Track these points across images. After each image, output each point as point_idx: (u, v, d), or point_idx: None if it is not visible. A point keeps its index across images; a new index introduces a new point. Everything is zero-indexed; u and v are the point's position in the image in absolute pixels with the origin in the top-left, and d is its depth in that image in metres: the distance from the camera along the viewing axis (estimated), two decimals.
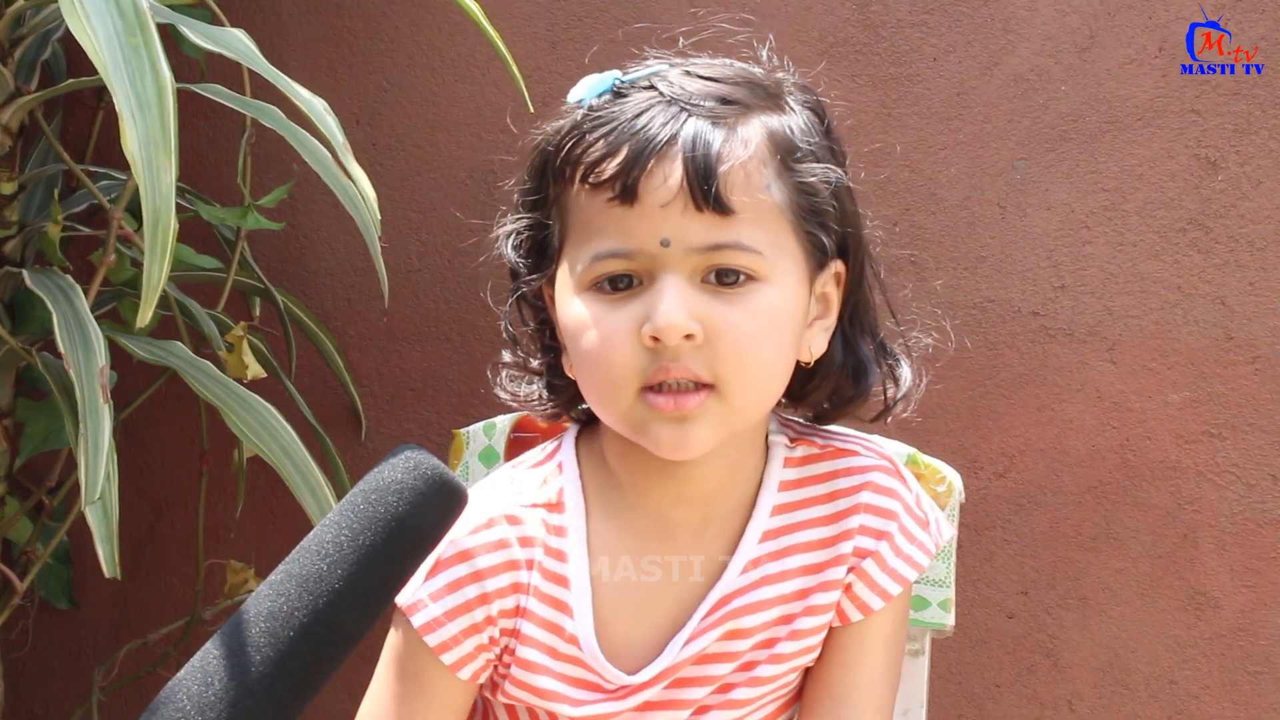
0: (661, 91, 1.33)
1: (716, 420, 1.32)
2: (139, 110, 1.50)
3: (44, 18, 1.96)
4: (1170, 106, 2.28)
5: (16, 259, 2.04)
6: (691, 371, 1.30)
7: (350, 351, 2.48)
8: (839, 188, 1.38)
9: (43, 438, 2.08)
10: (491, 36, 2.02)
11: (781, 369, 1.36)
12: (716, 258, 1.30)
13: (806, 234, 1.35)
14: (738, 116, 1.33)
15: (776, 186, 1.33)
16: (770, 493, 1.45)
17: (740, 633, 1.43)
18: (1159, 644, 2.36)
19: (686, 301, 1.29)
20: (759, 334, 1.31)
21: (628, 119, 1.32)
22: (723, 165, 1.29)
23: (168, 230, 1.51)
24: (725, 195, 1.29)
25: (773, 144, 1.34)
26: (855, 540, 1.45)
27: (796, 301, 1.35)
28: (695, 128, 1.30)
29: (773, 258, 1.32)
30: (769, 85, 1.39)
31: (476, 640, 1.41)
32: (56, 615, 2.54)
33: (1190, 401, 2.31)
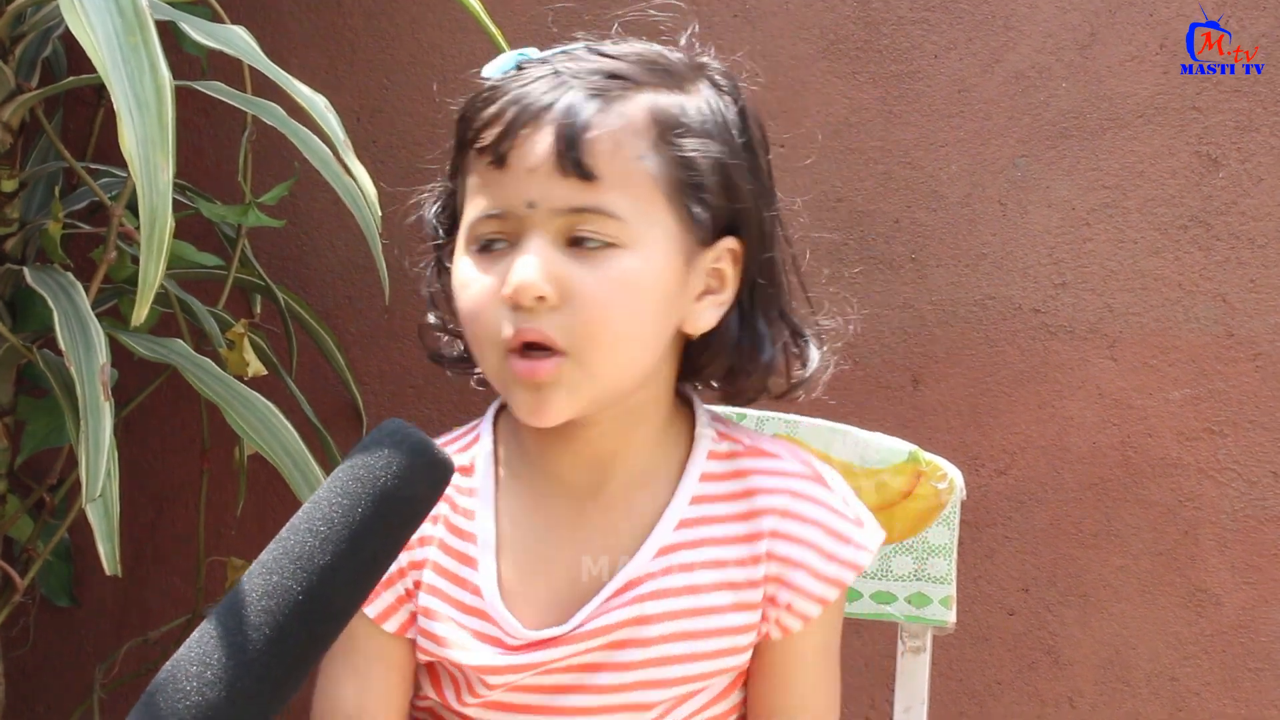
0: (556, 68, 1.39)
1: (573, 387, 1.35)
2: (137, 109, 1.50)
3: (45, 15, 1.96)
4: (1171, 104, 2.28)
5: (17, 256, 2.04)
6: (544, 334, 1.33)
7: (351, 349, 2.48)
8: (729, 166, 1.41)
9: (44, 435, 2.08)
10: (493, 33, 2.02)
11: (642, 336, 1.38)
12: (578, 220, 1.34)
13: (685, 208, 1.38)
14: (623, 91, 1.38)
15: (651, 158, 1.36)
16: (691, 482, 1.47)
17: (647, 619, 1.44)
18: (1160, 641, 2.36)
19: (544, 263, 1.33)
20: (614, 299, 1.34)
21: (515, 90, 1.38)
22: (590, 132, 1.34)
23: (164, 229, 1.51)
24: (590, 161, 1.33)
25: (653, 118, 1.37)
26: (768, 543, 1.45)
27: (663, 271, 1.37)
28: (572, 98, 1.36)
29: (637, 226, 1.35)
30: (676, 66, 1.44)
31: (394, 592, 1.47)
32: (57, 613, 2.54)
33: (1191, 398, 2.31)
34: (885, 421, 2.35)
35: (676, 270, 1.38)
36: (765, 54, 2.37)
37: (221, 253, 2.30)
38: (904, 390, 2.38)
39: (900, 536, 1.74)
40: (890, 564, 1.74)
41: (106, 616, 2.56)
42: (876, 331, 2.37)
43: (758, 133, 1.47)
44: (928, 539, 1.73)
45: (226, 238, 2.32)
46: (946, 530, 1.72)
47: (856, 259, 2.37)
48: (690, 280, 1.40)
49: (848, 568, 1.46)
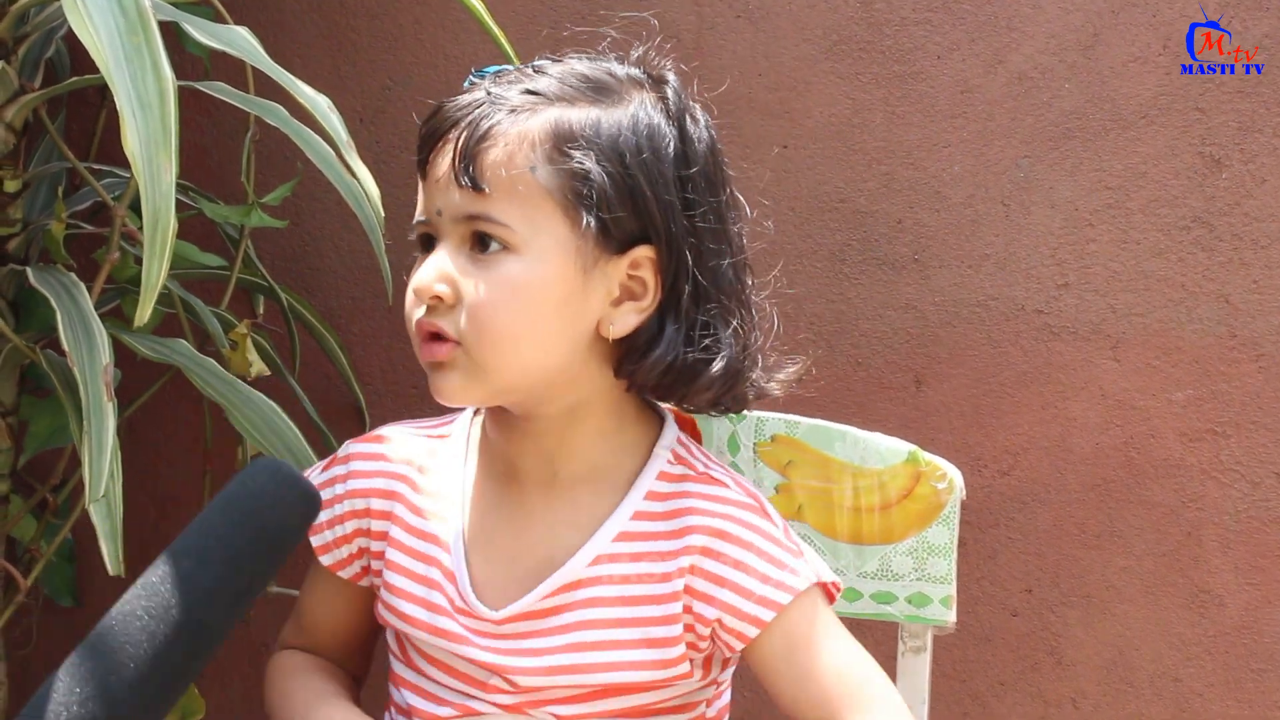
0: (488, 88, 1.49)
1: (466, 372, 1.47)
2: (140, 109, 1.51)
3: (48, 15, 1.96)
4: (1174, 105, 2.28)
5: (20, 257, 2.04)
6: (439, 328, 1.46)
7: (354, 349, 2.48)
8: (635, 179, 1.47)
9: (46, 435, 2.08)
10: (495, 35, 2.02)
11: (531, 335, 1.47)
12: (474, 226, 1.45)
13: (579, 212, 1.45)
14: (534, 106, 1.46)
15: (543, 169, 1.44)
16: (637, 497, 1.55)
17: (579, 625, 1.51)
18: (1163, 642, 2.36)
19: (441, 266, 1.46)
20: (498, 300, 1.45)
21: (447, 107, 1.50)
22: (484, 145, 1.44)
23: (167, 229, 1.51)
24: (479, 172, 1.44)
25: (552, 131, 1.45)
26: (694, 559, 1.51)
27: (552, 276, 1.46)
28: (478, 114, 1.46)
29: (526, 234, 1.44)
30: (609, 83, 1.52)
31: (339, 531, 1.63)
32: (60, 613, 2.54)
33: (1194, 399, 2.31)
34: (888, 422, 2.36)
35: (569, 275, 1.46)
36: (768, 54, 2.37)
37: (224, 253, 2.31)
38: (907, 390, 2.38)
39: (900, 537, 1.74)
40: (890, 564, 1.75)
41: None
42: (879, 332, 2.38)
43: (698, 146, 1.53)
44: (927, 539, 1.73)
45: (229, 238, 2.32)
46: (946, 530, 1.73)
47: (859, 259, 2.37)
48: (594, 286, 1.48)
49: (782, 590, 1.49)
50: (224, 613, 1.22)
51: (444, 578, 1.56)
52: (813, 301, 2.37)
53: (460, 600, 1.54)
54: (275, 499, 1.25)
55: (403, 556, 1.58)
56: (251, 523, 1.24)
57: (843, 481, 1.75)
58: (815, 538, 1.76)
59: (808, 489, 1.76)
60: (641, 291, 1.50)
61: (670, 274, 1.49)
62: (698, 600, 1.50)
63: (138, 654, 1.17)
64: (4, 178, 1.97)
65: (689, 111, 1.53)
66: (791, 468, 1.77)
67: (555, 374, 1.50)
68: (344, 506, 1.63)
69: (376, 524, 1.61)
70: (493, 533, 1.56)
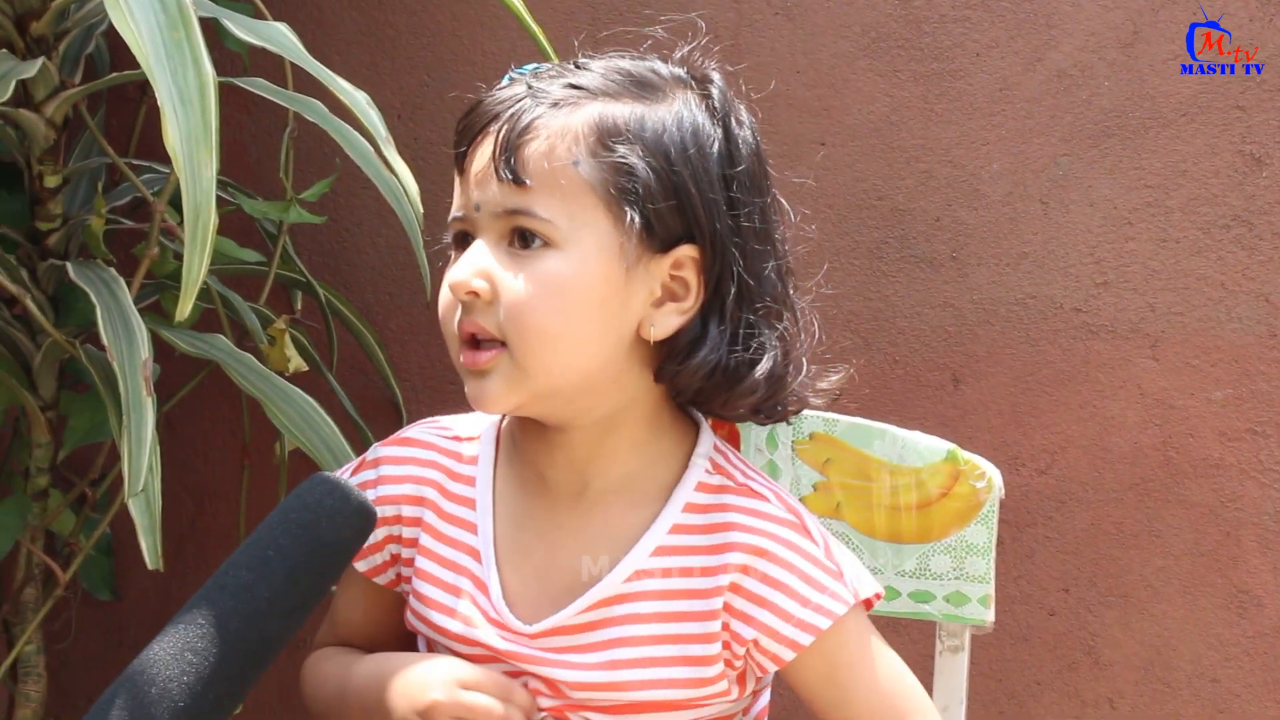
0: (529, 82, 1.46)
1: (509, 377, 1.43)
2: (181, 105, 1.51)
3: (88, 11, 1.96)
4: (1214, 103, 2.27)
5: (60, 252, 2.04)
6: (480, 326, 1.43)
7: (391, 345, 2.49)
8: (680, 175, 1.44)
9: (86, 430, 2.09)
10: (534, 31, 2.02)
11: (573, 334, 1.43)
12: (514, 221, 1.42)
13: (624, 208, 1.42)
14: (577, 100, 1.44)
15: (586, 164, 1.41)
16: (674, 511, 1.51)
17: (617, 641, 1.48)
18: (1201, 642, 2.35)
19: (480, 262, 1.43)
20: (539, 297, 1.41)
21: (485, 103, 1.47)
22: (525, 138, 1.41)
23: (208, 225, 1.51)
24: (521, 166, 1.41)
25: (596, 125, 1.43)
26: (734, 577, 1.48)
27: (594, 273, 1.42)
28: (520, 107, 1.43)
29: (568, 229, 1.41)
30: (652, 79, 1.49)
31: (371, 538, 1.52)
32: (99, 607, 2.55)
33: (1233, 399, 2.30)
34: (925, 420, 2.35)
35: (612, 274, 1.43)
36: (806, 51, 2.36)
37: (263, 249, 2.31)
38: (944, 389, 2.38)
39: (939, 536, 1.73)
40: (928, 563, 1.74)
41: (147, 611, 2.57)
42: (917, 330, 2.37)
43: (742, 147, 1.50)
44: (966, 538, 1.72)
45: (268, 234, 2.32)
46: (985, 529, 1.72)
47: (897, 257, 2.36)
48: (636, 285, 1.44)
49: (821, 614, 1.47)
50: (281, 624, 1.24)
51: (475, 588, 1.53)
52: (850, 299, 2.37)
53: (494, 612, 1.51)
54: (331, 512, 1.27)
55: (432, 565, 1.55)
56: (308, 536, 1.25)
57: (881, 480, 1.75)
58: (853, 536, 1.76)
59: (846, 487, 1.76)
60: (684, 292, 1.46)
61: (714, 275, 1.46)
62: (735, 619, 1.48)
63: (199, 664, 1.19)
64: (44, 173, 1.98)
65: (733, 111, 1.51)
66: (830, 466, 1.76)
67: (595, 376, 1.46)
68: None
69: (408, 531, 1.58)
70: (525, 545, 1.53)
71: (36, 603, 2.11)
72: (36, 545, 2.09)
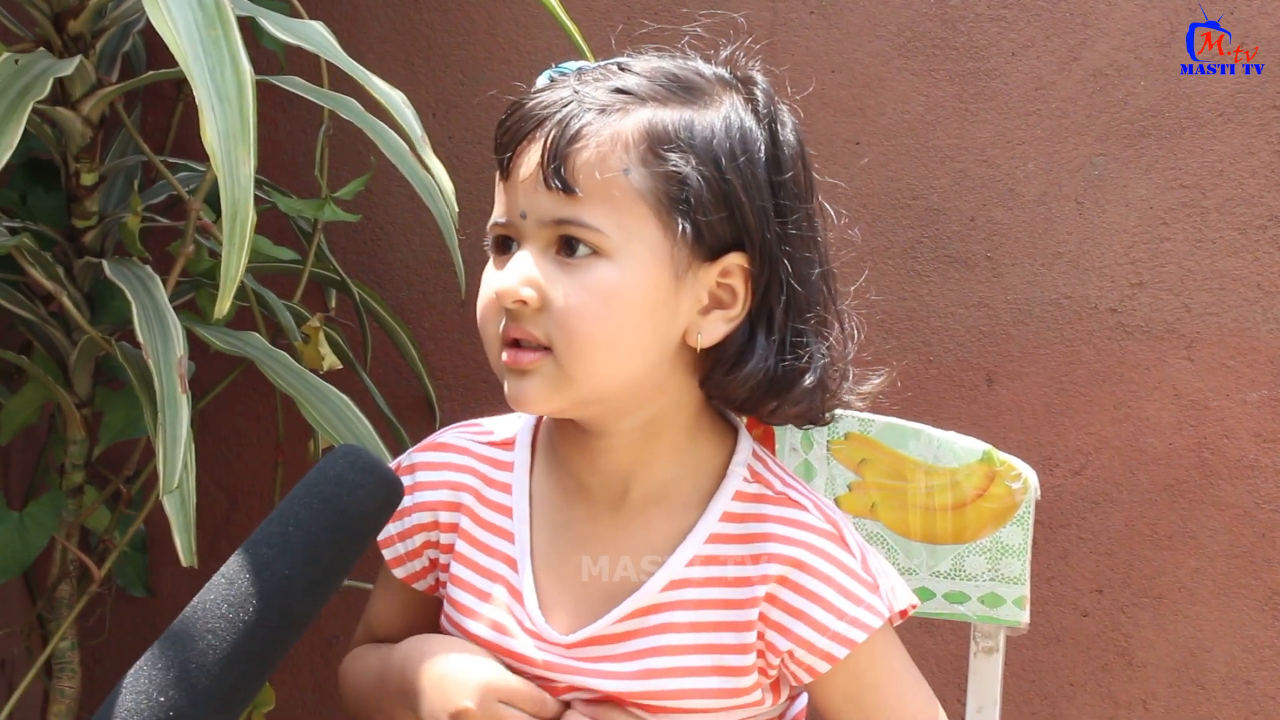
0: (574, 85, 1.43)
1: (552, 380, 1.41)
2: (218, 102, 1.51)
3: (125, 10, 1.97)
4: (1251, 102, 2.26)
5: (96, 249, 2.05)
6: (528, 333, 1.40)
7: (425, 343, 2.49)
8: (731, 183, 1.42)
9: (121, 427, 2.10)
10: (569, 29, 2.02)
11: (621, 342, 1.41)
12: (562, 230, 1.39)
13: (674, 222, 1.40)
14: (625, 106, 1.41)
15: (637, 172, 1.39)
16: (711, 520, 1.49)
17: (652, 651, 1.47)
18: (1235, 644, 2.34)
19: (527, 270, 1.40)
20: (589, 306, 1.39)
21: (529, 105, 1.44)
22: (575, 146, 1.38)
23: (245, 222, 1.51)
24: (571, 175, 1.38)
25: (646, 132, 1.40)
26: (771, 588, 1.47)
27: (644, 282, 1.40)
28: (567, 112, 1.40)
29: (619, 238, 1.39)
30: (697, 82, 1.46)
31: (407, 545, 1.58)
32: (133, 603, 2.56)
33: (1269, 400, 2.29)
34: (960, 420, 2.35)
35: (662, 282, 1.41)
36: (841, 51, 2.36)
37: (297, 247, 2.32)
38: (979, 389, 2.37)
39: (974, 536, 1.73)
40: (964, 564, 1.74)
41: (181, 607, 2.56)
42: (951, 330, 2.37)
43: (788, 151, 1.48)
44: (1001, 539, 1.72)
45: (303, 232, 2.33)
46: (1020, 530, 1.71)
47: (931, 257, 2.36)
48: (684, 293, 1.43)
49: (857, 627, 1.46)
50: (304, 600, 1.21)
51: (511, 597, 1.51)
52: (885, 299, 2.37)
53: (529, 622, 1.50)
54: (354, 485, 1.24)
55: (468, 573, 1.54)
56: (330, 509, 1.23)
57: (916, 480, 1.74)
58: (888, 536, 1.76)
59: (881, 487, 1.75)
60: (731, 300, 1.44)
61: (762, 283, 1.44)
62: (771, 629, 1.46)
63: (219, 643, 1.18)
64: (81, 171, 1.98)
65: (778, 114, 1.48)
66: (865, 466, 1.76)
67: (639, 383, 1.45)
68: (412, 520, 1.58)
69: (444, 537, 1.57)
70: (563, 554, 1.52)
71: (71, 599, 2.12)
72: (71, 542, 2.10)
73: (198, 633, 1.18)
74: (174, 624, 1.20)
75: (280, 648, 1.21)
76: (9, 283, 1.97)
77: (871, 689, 1.49)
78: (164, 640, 1.19)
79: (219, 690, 1.17)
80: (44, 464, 2.30)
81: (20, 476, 2.48)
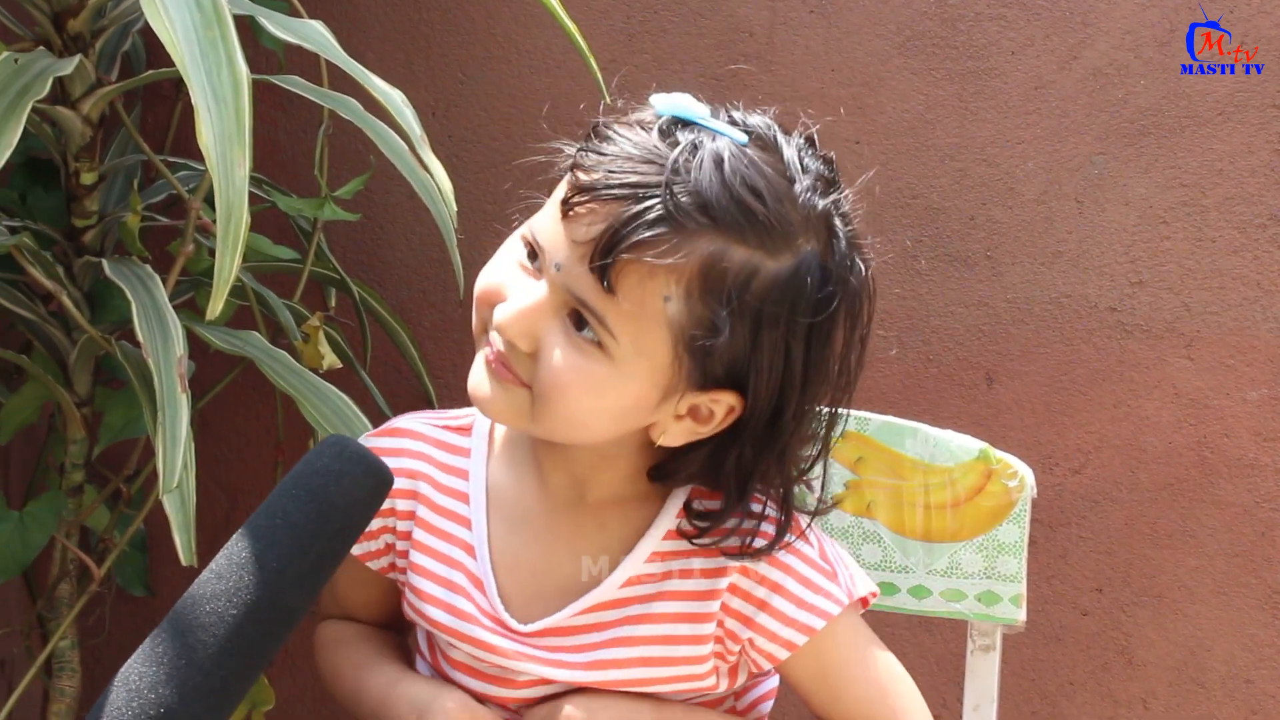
0: (674, 160, 1.35)
1: (516, 407, 1.42)
2: (215, 103, 1.51)
3: (124, 9, 1.97)
4: (1251, 102, 2.26)
5: (96, 248, 2.05)
6: (512, 368, 1.41)
7: (425, 342, 2.49)
8: (759, 348, 1.38)
9: (121, 426, 2.10)
10: (569, 28, 2.02)
11: (592, 425, 1.41)
12: (581, 310, 1.36)
13: (688, 357, 1.38)
14: (699, 229, 1.33)
15: (677, 304, 1.35)
16: (668, 518, 1.51)
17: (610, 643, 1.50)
18: (1235, 643, 2.34)
19: (534, 319, 1.38)
20: (575, 386, 1.38)
21: (630, 155, 1.36)
22: (632, 255, 1.32)
23: (240, 224, 1.51)
24: (615, 278, 1.33)
25: (704, 270, 1.34)
26: (733, 578, 1.48)
27: (633, 392, 1.39)
28: (646, 206, 1.33)
29: (629, 351, 1.37)
30: (781, 225, 1.37)
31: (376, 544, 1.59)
32: (133, 603, 2.56)
33: (1269, 399, 2.29)
34: (959, 419, 2.35)
35: (647, 396, 1.40)
36: (841, 50, 2.36)
37: (297, 246, 2.32)
38: (978, 388, 2.37)
39: (970, 534, 1.73)
40: (960, 562, 1.74)
41: None
42: (950, 329, 2.37)
43: (846, 318, 1.43)
44: (998, 537, 1.72)
45: (302, 231, 2.33)
46: (1017, 528, 1.72)
47: (931, 256, 2.36)
48: (665, 406, 1.42)
49: (816, 614, 1.48)
50: (295, 592, 1.20)
51: (471, 584, 1.53)
52: (884, 298, 2.36)
53: (490, 608, 1.52)
54: (340, 475, 1.24)
55: (426, 559, 1.55)
56: (316, 500, 1.22)
57: (913, 479, 1.75)
58: (885, 535, 1.76)
59: (878, 486, 1.76)
60: (707, 418, 1.43)
61: (744, 424, 1.43)
62: (731, 618, 1.49)
63: (210, 638, 1.17)
64: (81, 170, 1.98)
65: (850, 274, 1.42)
66: (861, 464, 1.76)
67: (595, 443, 1.46)
68: None
69: (402, 524, 1.58)
70: (519, 547, 1.53)
71: (71, 598, 2.12)
72: (71, 541, 2.10)
73: (188, 628, 1.18)
74: (165, 620, 1.19)
75: (273, 641, 1.20)
76: (9, 282, 1.97)
77: (838, 666, 1.51)
78: (155, 637, 1.18)
79: (210, 686, 1.17)
80: (44, 463, 2.30)
81: (20, 476, 2.48)
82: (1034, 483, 1.72)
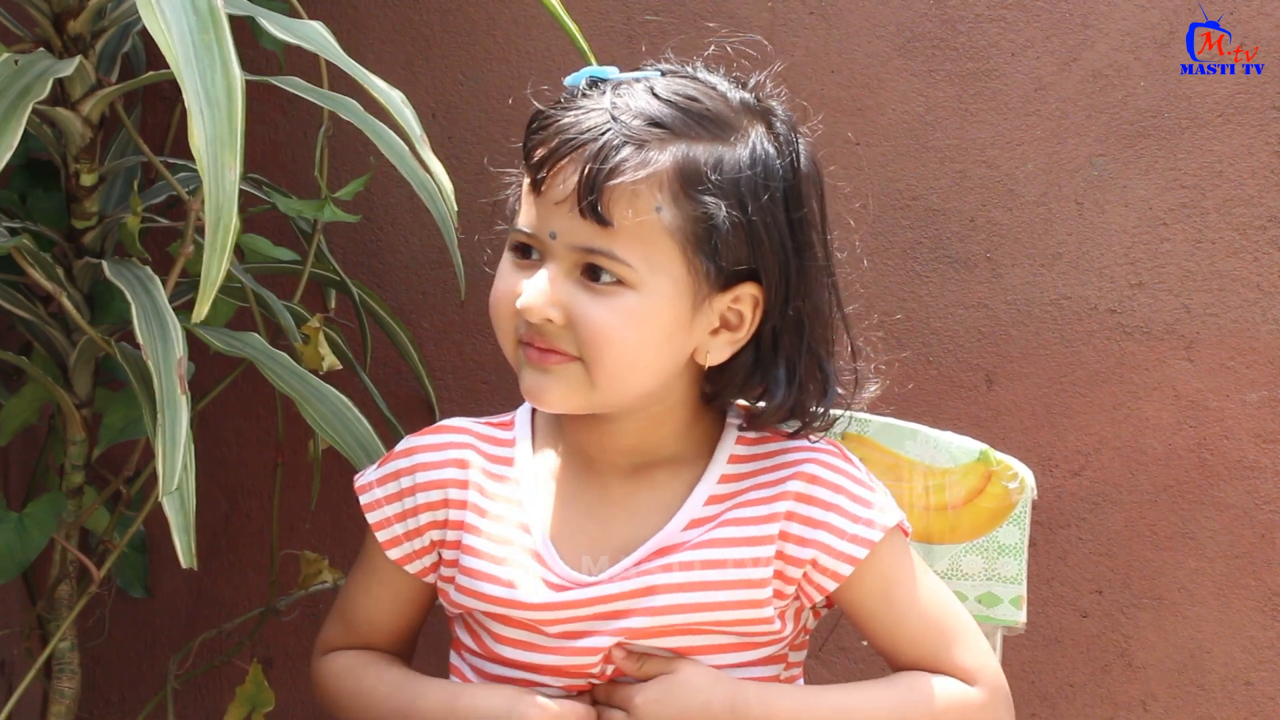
0: (612, 101, 1.50)
1: (574, 384, 1.51)
2: (207, 107, 1.52)
3: (124, 11, 1.97)
4: (1251, 103, 2.26)
5: (96, 250, 2.05)
6: (557, 347, 1.51)
7: (425, 344, 2.49)
8: (755, 221, 1.49)
9: (121, 428, 2.09)
10: (569, 29, 2.02)
11: (641, 363, 1.51)
12: (591, 259, 1.48)
13: (698, 258, 1.49)
14: (658, 140, 1.47)
15: (668, 210, 1.47)
16: (720, 464, 1.60)
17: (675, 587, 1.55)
18: (1235, 645, 2.34)
19: (553, 289, 1.49)
20: (616, 329, 1.48)
21: (571, 117, 1.50)
22: (612, 180, 1.45)
23: (228, 228, 1.52)
24: (606, 209, 1.45)
25: (679, 170, 1.47)
26: (790, 504, 1.56)
27: (666, 312, 1.49)
28: (606, 141, 1.46)
29: (645, 272, 1.47)
30: (725, 114, 1.52)
31: (406, 526, 1.66)
32: (132, 604, 2.56)
33: (1269, 400, 2.29)
34: (959, 421, 2.35)
35: (680, 312, 1.50)
36: (841, 51, 2.36)
37: (297, 247, 2.31)
38: (978, 390, 2.37)
39: (970, 536, 1.73)
40: (960, 563, 1.74)
41: (180, 608, 2.58)
42: (950, 331, 2.37)
43: (809, 186, 1.57)
44: (998, 538, 1.72)
45: (302, 232, 2.32)
46: (1017, 530, 1.72)
47: (931, 257, 2.36)
48: (699, 319, 1.52)
49: (873, 528, 1.56)
50: None
51: (529, 557, 1.59)
52: (884, 299, 2.37)
53: (551, 576, 1.57)
54: None
55: (483, 541, 1.61)
56: None
57: (913, 480, 1.75)
58: None
59: None
60: (738, 323, 1.54)
61: (773, 311, 1.53)
62: (791, 543, 1.55)
63: None
64: (81, 171, 1.98)
65: (799, 146, 1.57)
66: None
67: (653, 392, 1.54)
68: (415, 500, 1.65)
69: (454, 514, 1.63)
70: (574, 523, 1.60)
71: (71, 599, 2.11)
72: (71, 542, 2.09)
73: None
74: None
75: None
76: (9, 283, 1.97)
77: (899, 585, 1.58)
78: None
79: None
80: (43, 464, 2.30)
81: (20, 477, 2.48)
82: (1034, 484, 1.72)
